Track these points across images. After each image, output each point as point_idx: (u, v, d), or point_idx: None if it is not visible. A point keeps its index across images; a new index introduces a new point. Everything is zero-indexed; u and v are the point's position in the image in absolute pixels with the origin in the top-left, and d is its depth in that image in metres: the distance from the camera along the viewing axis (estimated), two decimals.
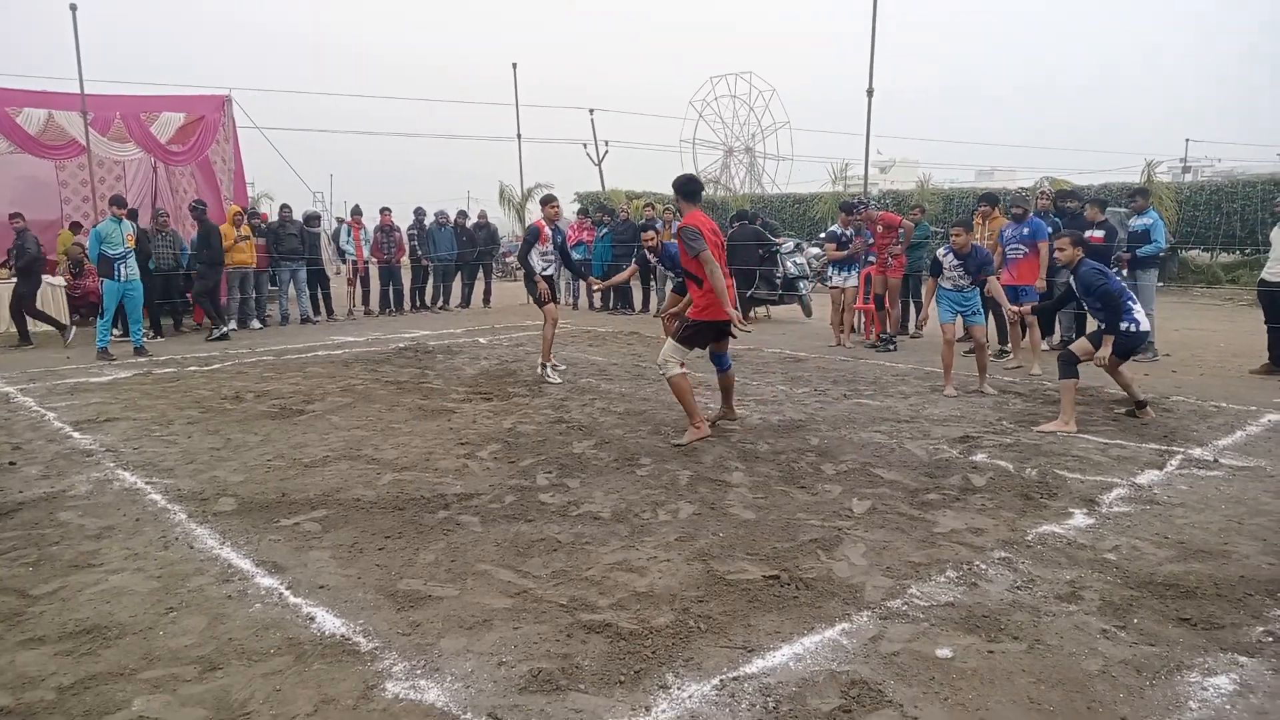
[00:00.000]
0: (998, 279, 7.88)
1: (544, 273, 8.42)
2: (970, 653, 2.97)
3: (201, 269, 12.11)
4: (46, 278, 13.10)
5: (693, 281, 5.89)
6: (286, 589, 3.54)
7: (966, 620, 3.21)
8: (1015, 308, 7.80)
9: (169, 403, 7.34)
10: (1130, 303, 6.33)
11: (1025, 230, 9.03)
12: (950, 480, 4.96)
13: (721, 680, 2.78)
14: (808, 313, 13.51)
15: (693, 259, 5.68)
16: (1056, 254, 6.65)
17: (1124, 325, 6.25)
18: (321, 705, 2.66)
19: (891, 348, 10.27)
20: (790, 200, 26.83)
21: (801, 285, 13.47)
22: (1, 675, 2.85)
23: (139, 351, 10.23)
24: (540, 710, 2.61)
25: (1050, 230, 9.40)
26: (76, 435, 6.19)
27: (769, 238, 13.67)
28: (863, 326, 11.64)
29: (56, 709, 2.64)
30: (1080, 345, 6.44)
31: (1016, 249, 9.09)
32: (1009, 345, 9.40)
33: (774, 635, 3.09)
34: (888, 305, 10.68)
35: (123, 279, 9.99)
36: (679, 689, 2.73)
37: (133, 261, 10.12)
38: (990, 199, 10.25)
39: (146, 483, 5.03)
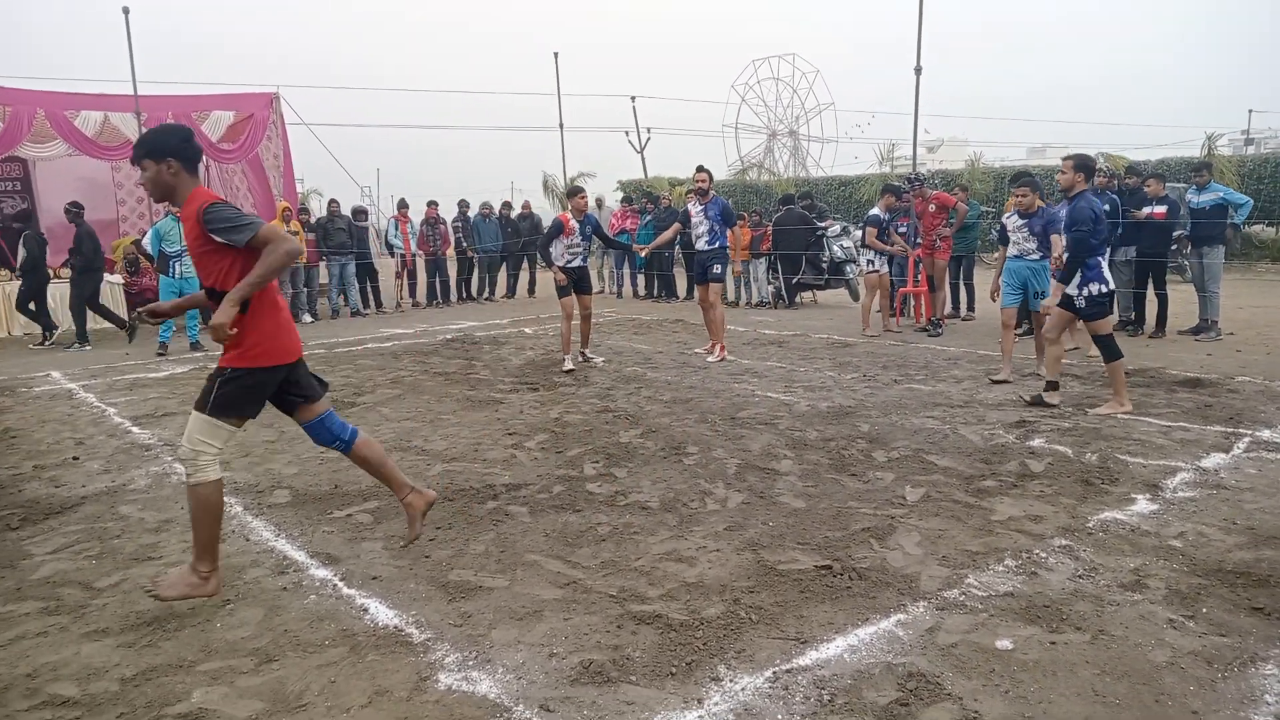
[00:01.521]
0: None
1: (569, 264, 8.36)
2: (1031, 644, 2.89)
3: (74, 276, 11.25)
4: (108, 277, 13.49)
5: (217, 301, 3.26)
6: (340, 580, 3.58)
7: (1027, 610, 3.12)
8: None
9: None
10: (1100, 260, 6.14)
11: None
12: (1007, 466, 4.84)
13: (774, 672, 2.74)
14: (855, 297, 13.31)
15: (236, 247, 3.20)
16: (1058, 176, 6.36)
17: (1095, 288, 6.08)
18: (375, 697, 2.68)
19: (939, 332, 10.07)
20: (836, 183, 26.45)
21: (848, 269, 13.29)
22: (68, 666, 2.92)
23: (195, 346, 10.49)
24: (592, 702, 2.60)
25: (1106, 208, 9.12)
26: (136, 430, 6.35)
27: (814, 221, 13.49)
28: (913, 310, 11.45)
29: (120, 700, 2.70)
30: (1054, 320, 6.34)
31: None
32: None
33: (827, 626, 3.03)
34: (929, 288, 10.47)
35: (179, 276, 10.20)
36: (731, 681, 2.69)
37: (189, 260, 10.28)
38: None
39: None
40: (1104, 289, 6.10)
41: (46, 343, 11.37)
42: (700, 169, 8.88)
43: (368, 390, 7.55)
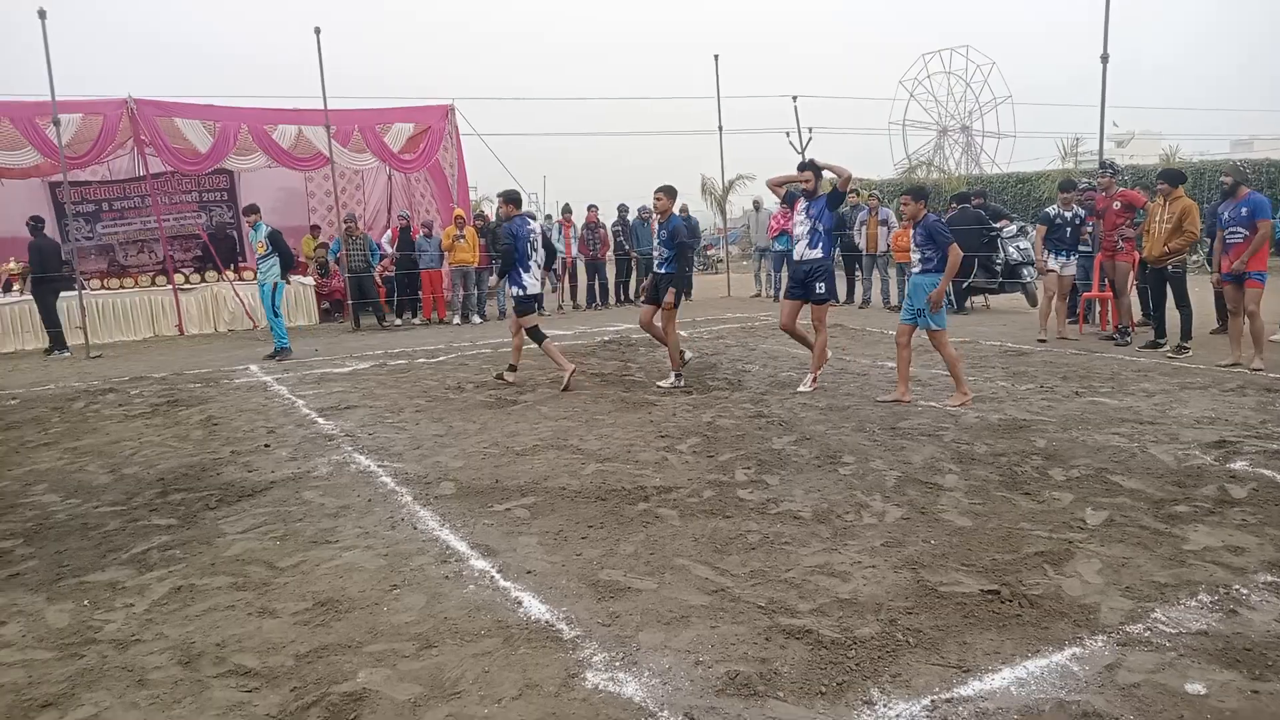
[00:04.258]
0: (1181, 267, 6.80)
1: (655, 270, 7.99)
2: (1229, 691, 2.60)
3: (34, 290, 11.80)
4: (297, 278, 14.62)
5: None
6: (497, 572, 3.69)
7: (1224, 653, 2.81)
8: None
9: (400, 392, 7.93)
10: (522, 271, 7.84)
11: (1243, 210, 7.75)
12: (1203, 491, 4.39)
13: (933, 701, 2.59)
14: (1032, 302, 12.55)
15: None
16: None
17: (513, 289, 7.97)
18: (525, 690, 2.74)
19: (1126, 340, 9.31)
20: (1013, 180, 25.08)
21: (1025, 272, 12.54)
22: (251, 639, 3.16)
23: (277, 355, 10.42)
24: (738, 715, 2.55)
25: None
26: (321, 421, 6.83)
27: (989, 222, 12.81)
28: (1098, 316, 10.66)
29: (294, 675, 2.89)
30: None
31: (1236, 233, 7.77)
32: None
33: (993, 656, 2.84)
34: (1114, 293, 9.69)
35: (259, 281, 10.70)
36: (885, 706, 2.57)
37: (265, 265, 10.43)
38: (1171, 176, 8.61)
39: (378, 466, 5.44)
40: (522, 292, 7.91)
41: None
42: (804, 166, 7.35)
43: (529, 389, 7.79)
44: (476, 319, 14.06)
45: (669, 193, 7.67)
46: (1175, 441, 5.32)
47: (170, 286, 13.70)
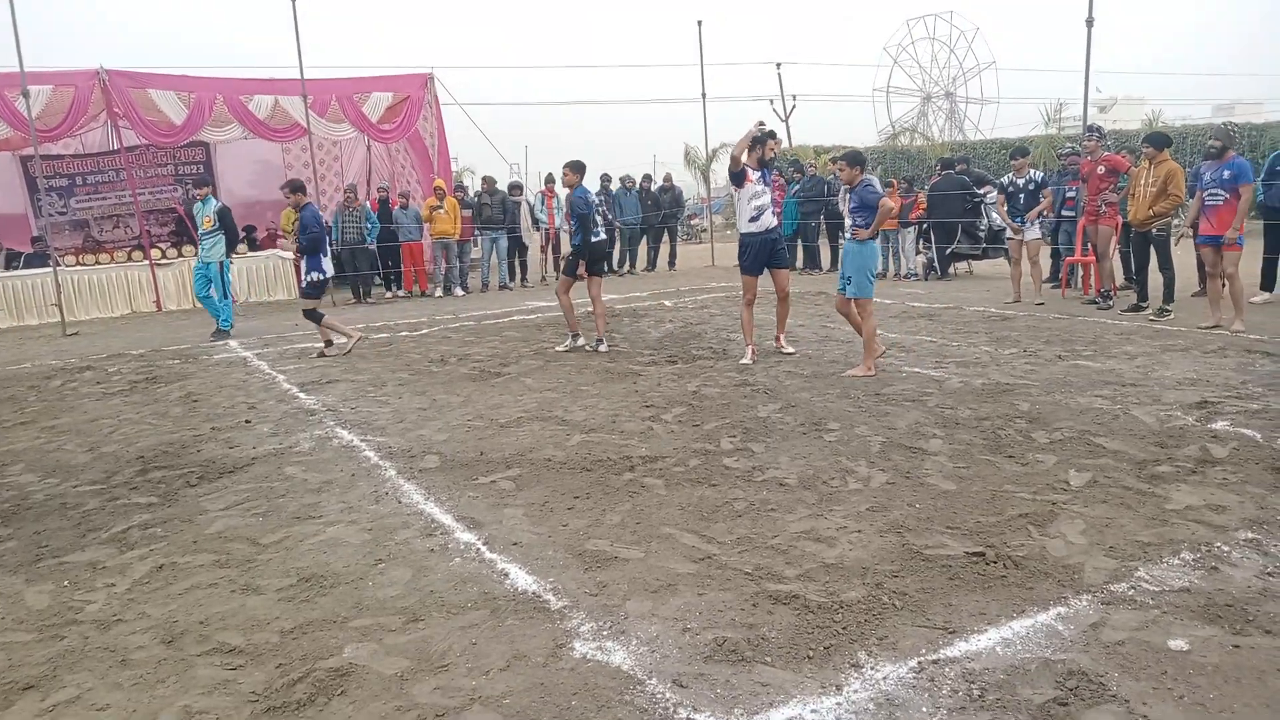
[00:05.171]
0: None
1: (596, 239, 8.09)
2: (1210, 646, 2.62)
3: None
4: (277, 252, 14.46)
5: None
6: (483, 545, 3.67)
7: (1206, 609, 2.84)
8: None
9: (383, 366, 7.87)
10: (321, 256, 8.38)
11: (1225, 173, 7.77)
12: (1185, 451, 4.42)
13: (919, 662, 2.60)
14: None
15: None
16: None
17: (315, 275, 8.43)
18: (514, 661, 2.73)
19: (1109, 304, 9.36)
20: (995, 146, 25.04)
21: (1008, 238, 12.59)
22: (235, 616, 3.14)
23: (217, 334, 10.14)
24: (725, 681, 2.55)
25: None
26: (302, 396, 6.76)
27: (972, 188, 12.79)
28: (1080, 281, 10.71)
29: (279, 651, 2.87)
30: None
31: (1215, 195, 7.82)
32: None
33: (978, 617, 2.86)
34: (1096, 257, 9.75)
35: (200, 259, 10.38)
36: (873, 669, 2.58)
37: (209, 242, 10.17)
38: (1156, 140, 8.55)
39: (361, 440, 5.40)
40: (320, 277, 8.43)
41: None
42: (772, 134, 7.30)
43: (513, 361, 7.75)
44: (459, 291, 13.95)
45: (575, 168, 8.06)
46: (1157, 403, 5.35)
47: (147, 262, 13.51)
